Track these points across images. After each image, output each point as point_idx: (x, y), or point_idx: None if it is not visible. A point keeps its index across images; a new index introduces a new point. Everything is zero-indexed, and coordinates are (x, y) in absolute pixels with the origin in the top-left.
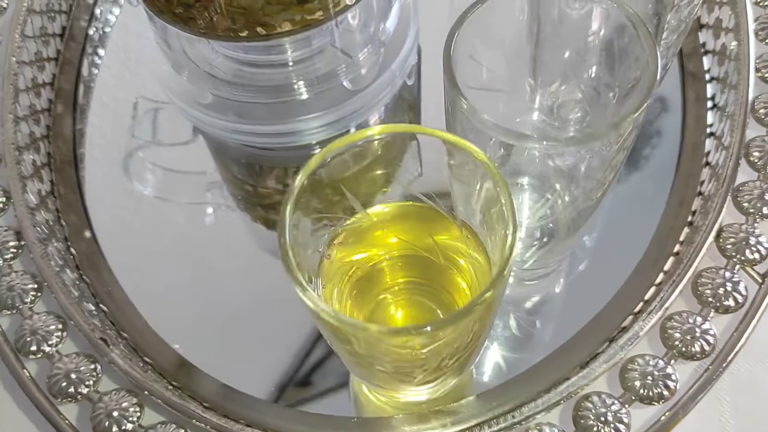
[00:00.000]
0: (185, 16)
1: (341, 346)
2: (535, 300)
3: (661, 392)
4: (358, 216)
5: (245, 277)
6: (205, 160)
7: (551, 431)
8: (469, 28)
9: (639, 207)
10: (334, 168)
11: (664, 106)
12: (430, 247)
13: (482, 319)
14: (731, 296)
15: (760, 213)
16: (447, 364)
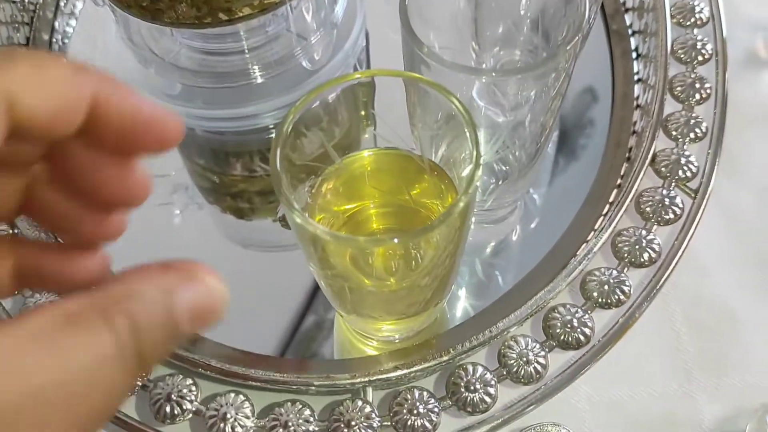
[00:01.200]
0: (152, 8)
1: (329, 273)
2: (497, 243)
3: (618, 297)
4: (337, 164)
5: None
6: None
7: (525, 341)
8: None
9: (581, 154)
10: (311, 119)
11: (595, 65)
12: (403, 196)
13: (455, 233)
14: (670, 210)
15: (688, 137)
16: (426, 284)
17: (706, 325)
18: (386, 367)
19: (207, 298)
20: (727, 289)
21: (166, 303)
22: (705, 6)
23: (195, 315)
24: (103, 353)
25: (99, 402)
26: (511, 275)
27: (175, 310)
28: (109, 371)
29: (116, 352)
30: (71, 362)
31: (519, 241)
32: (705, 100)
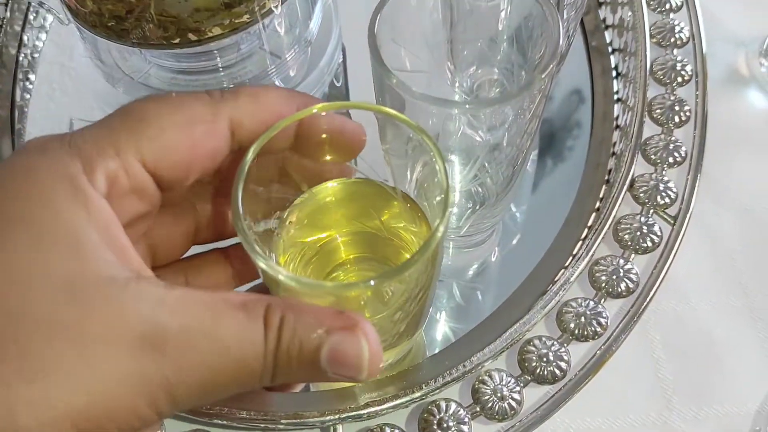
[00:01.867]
0: (118, 29)
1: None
2: (474, 267)
3: (595, 329)
4: (304, 196)
5: None
6: None
7: (500, 376)
8: (389, 12)
9: (560, 174)
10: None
11: (575, 82)
12: (374, 223)
13: (427, 270)
14: (648, 238)
15: (667, 162)
16: (398, 318)
17: (686, 352)
18: (357, 403)
19: (352, 352)
20: (707, 316)
21: (318, 332)
22: (685, 26)
23: (334, 359)
24: (251, 334)
25: (227, 372)
26: (491, 297)
27: (322, 343)
28: (247, 349)
29: (259, 339)
30: (225, 330)
31: (498, 263)
32: (684, 123)
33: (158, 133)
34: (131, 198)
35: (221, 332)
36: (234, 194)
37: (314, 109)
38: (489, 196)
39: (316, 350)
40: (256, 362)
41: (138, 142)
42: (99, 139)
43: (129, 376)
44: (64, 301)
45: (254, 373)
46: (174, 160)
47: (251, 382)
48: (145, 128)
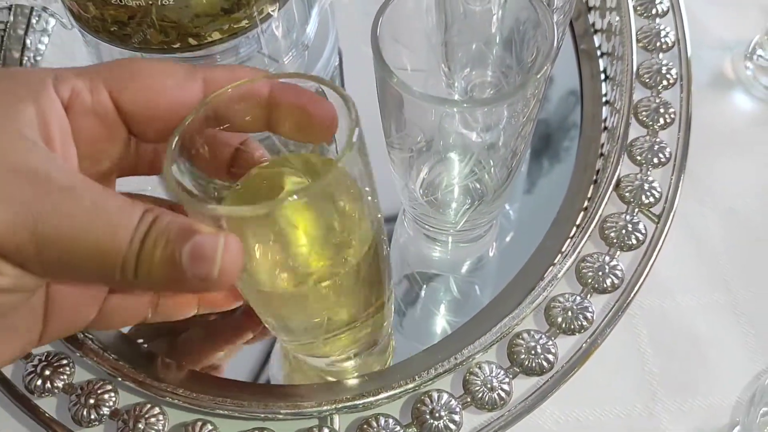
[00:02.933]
0: (120, 34)
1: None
2: (469, 263)
3: (581, 324)
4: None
5: None
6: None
7: (489, 367)
8: (391, 14)
9: (552, 173)
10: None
11: (565, 84)
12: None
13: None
14: (633, 236)
15: (651, 163)
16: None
17: (671, 346)
18: (352, 394)
19: (209, 246)
20: (692, 311)
21: (184, 234)
22: (671, 30)
23: (192, 253)
24: (126, 210)
25: (95, 234)
26: (486, 292)
27: (186, 242)
28: (119, 220)
29: (134, 217)
30: (102, 200)
31: (493, 258)
32: (669, 125)
33: (131, 74)
34: (91, 118)
35: (103, 201)
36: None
37: (262, 77)
38: (486, 193)
39: (180, 246)
40: (124, 235)
41: (109, 76)
42: (76, 70)
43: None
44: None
45: (119, 250)
46: (139, 98)
47: (114, 260)
48: (119, 69)
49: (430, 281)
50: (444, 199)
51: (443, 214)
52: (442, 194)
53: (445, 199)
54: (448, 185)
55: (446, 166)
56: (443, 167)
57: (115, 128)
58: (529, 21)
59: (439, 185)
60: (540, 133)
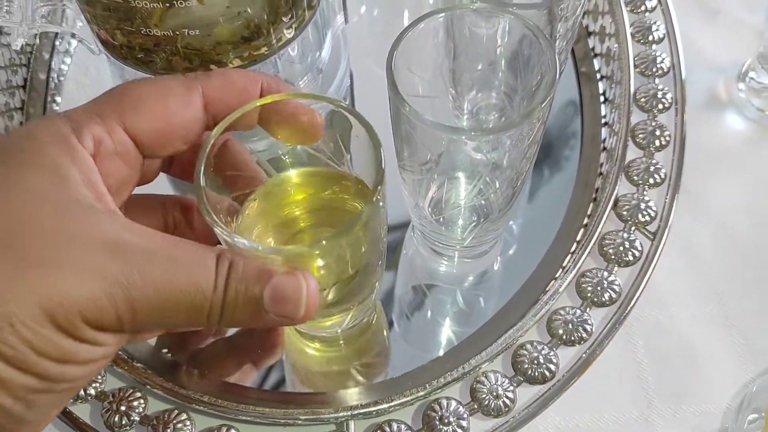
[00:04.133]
0: (146, 60)
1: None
2: (475, 276)
3: (581, 335)
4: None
5: None
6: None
7: (495, 376)
8: (404, 47)
9: (554, 191)
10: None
11: (567, 104)
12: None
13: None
14: (630, 252)
15: (648, 183)
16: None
17: (666, 356)
18: (367, 401)
19: (292, 288)
20: (686, 323)
21: (262, 276)
22: (666, 56)
23: (275, 297)
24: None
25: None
26: (491, 304)
27: (265, 284)
28: (200, 272)
29: (211, 265)
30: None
31: (498, 272)
32: (664, 147)
33: (137, 103)
34: (116, 161)
35: (178, 254)
36: (197, 166)
37: (277, 97)
38: (492, 211)
39: (260, 289)
40: (208, 287)
41: (120, 110)
42: (87, 110)
43: (92, 271)
44: (49, 216)
45: (205, 300)
46: (152, 126)
47: (202, 308)
48: (125, 100)
49: (436, 293)
50: (451, 218)
51: (451, 231)
52: (449, 213)
53: (452, 218)
54: (455, 204)
55: (454, 186)
56: (451, 186)
57: (135, 159)
58: (532, 47)
59: (447, 204)
60: (543, 152)
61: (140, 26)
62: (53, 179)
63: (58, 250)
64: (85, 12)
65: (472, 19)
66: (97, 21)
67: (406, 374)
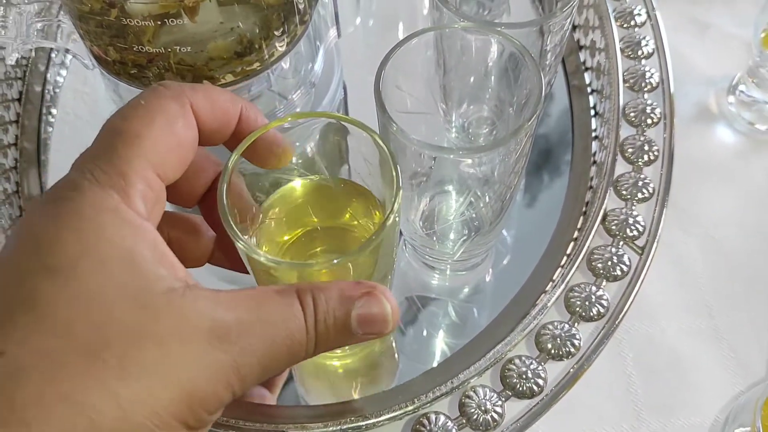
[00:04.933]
0: (139, 75)
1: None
2: (466, 289)
3: (569, 350)
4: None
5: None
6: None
7: (484, 391)
8: (392, 65)
9: (545, 205)
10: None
11: (557, 117)
12: (338, 219)
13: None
14: (618, 267)
15: (636, 198)
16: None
17: (655, 369)
18: (356, 415)
19: (378, 311)
20: (676, 336)
21: (344, 303)
22: (656, 72)
23: (363, 321)
24: (292, 313)
25: (280, 347)
26: (483, 316)
27: (351, 310)
28: (292, 325)
29: (300, 316)
30: (271, 314)
31: (489, 285)
32: (653, 162)
33: (155, 143)
34: (157, 206)
35: (269, 317)
36: (221, 186)
37: (288, 118)
38: (483, 225)
39: (347, 317)
40: (301, 335)
41: (146, 157)
42: (118, 166)
43: (208, 366)
44: (137, 312)
45: (301, 345)
46: (173, 159)
47: (299, 353)
48: (144, 143)
49: (429, 305)
50: (443, 232)
51: (442, 245)
52: (440, 227)
53: (444, 232)
54: (446, 218)
55: (445, 200)
56: (442, 200)
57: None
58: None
59: (438, 218)
60: (535, 164)
61: (133, 43)
62: (128, 270)
63: (165, 353)
64: (79, 28)
65: (462, 36)
66: (91, 37)
67: (397, 387)
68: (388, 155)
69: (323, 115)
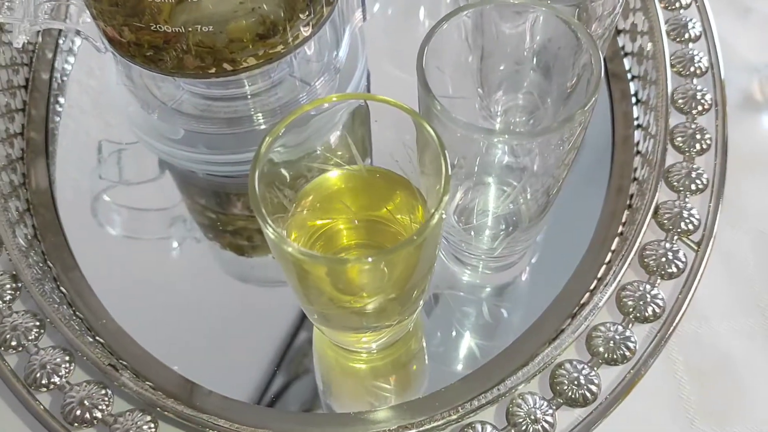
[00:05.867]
0: (156, 58)
1: (301, 285)
2: (505, 287)
3: (624, 353)
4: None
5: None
6: (174, 195)
7: (533, 399)
8: (434, 43)
9: (583, 198)
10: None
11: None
12: (375, 211)
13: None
14: (673, 264)
15: (689, 189)
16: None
17: (708, 374)
18: (396, 425)
19: None
20: (728, 338)
21: None
22: (704, 56)
23: None
24: None
25: None
26: (518, 318)
27: None
28: None
29: None
30: None
31: (525, 284)
32: (705, 151)
33: None
34: None
35: None
36: (251, 178)
37: (333, 98)
38: (522, 221)
39: None
40: None
41: None
42: None
43: None
44: None
45: None
46: None
47: None
48: None
49: (462, 305)
50: (480, 226)
51: (478, 240)
52: (478, 220)
53: (481, 226)
54: (484, 211)
55: (483, 192)
56: (480, 193)
57: None
58: (567, 46)
59: (475, 211)
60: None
61: (149, 22)
62: None
63: None
64: (92, 8)
65: (503, 15)
66: (104, 17)
67: (434, 394)
68: (435, 140)
69: (363, 96)
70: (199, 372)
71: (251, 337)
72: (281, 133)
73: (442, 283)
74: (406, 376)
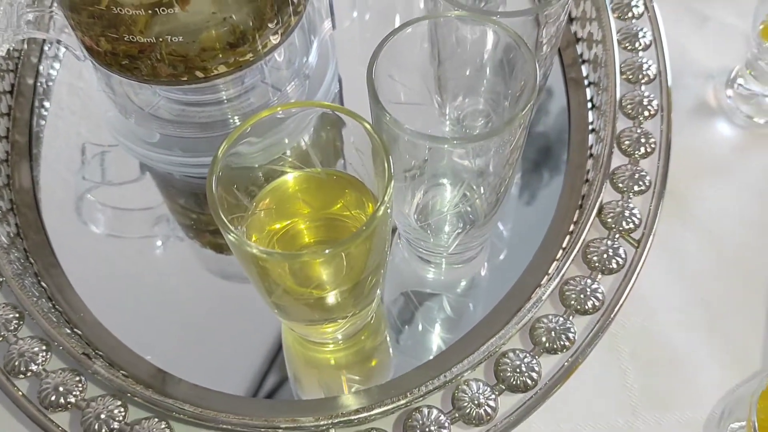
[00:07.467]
0: (131, 67)
1: (262, 283)
2: (462, 283)
3: (563, 344)
4: (269, 186)
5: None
6: (154, 195)
7: (477, 385)
8: (386, 54)
9: (541, 198)
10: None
11: (554, 109)
12: (330, 210)
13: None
14: (613, 260)
15: (632, 190)
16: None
17: (651, 363)
18: (348, 409)
19: None
20: (672, 329)
21: None
22: (653, 63)
23: None
24: None
25: None
26: (476, 311)
27: None
28: None
29: None
30: None
31: (485, 278)
32: (650, 154)
33: None
34: None
35: None
36: (209, 182)
37: (279, 108)
38: (478, 218)
39: None
40: None
41: None
42: None
43: None
44: None
45: None
46: None
47: None
48: None
49: (424, 300)
50: (437, 224)
51: (437, 238)
52: (435, 219)
53: (438, 224)
54: (440, 211)
55: (439, 192)
56: (436, 193)
57: None
58: (516, 53)
59: (433, 211)
60: (531, 157)
61: (125, 33)
62: None
63: None
64: (70, 19)
65: (457, 26)
66: (82, 28)
67: (390, 381)
68: (380, 145)
69: (316, 104)
70: (172, 363)
71: (226, 329)
72: (235, 138)
73: (407, 280)
74: (368, 367)
